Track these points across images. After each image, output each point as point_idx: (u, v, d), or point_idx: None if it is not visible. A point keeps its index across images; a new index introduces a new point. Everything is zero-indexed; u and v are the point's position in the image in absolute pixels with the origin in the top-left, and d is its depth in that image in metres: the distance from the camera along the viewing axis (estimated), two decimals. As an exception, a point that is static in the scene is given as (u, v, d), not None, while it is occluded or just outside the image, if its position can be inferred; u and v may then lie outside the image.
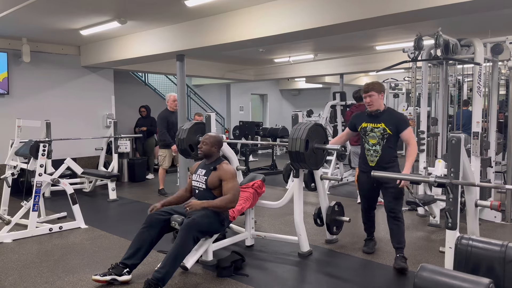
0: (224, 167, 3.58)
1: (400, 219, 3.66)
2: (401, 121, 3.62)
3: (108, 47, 7.41)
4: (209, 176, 3.54)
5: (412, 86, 6.11)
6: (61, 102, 7.87)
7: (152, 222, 3.40)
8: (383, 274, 3.57)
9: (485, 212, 5.03)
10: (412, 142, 3.58)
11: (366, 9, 4.22)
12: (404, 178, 3.30)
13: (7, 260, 3.90)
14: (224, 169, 3.56)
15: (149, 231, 3.38)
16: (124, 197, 6.75)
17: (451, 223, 2.65)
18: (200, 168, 3.67)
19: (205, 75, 11.00)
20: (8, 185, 5.23)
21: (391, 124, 3.59)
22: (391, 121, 3.60)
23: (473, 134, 4.77)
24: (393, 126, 3.59)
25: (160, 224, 3.41)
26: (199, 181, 3.61)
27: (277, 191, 6.85)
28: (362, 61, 9.13)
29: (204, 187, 3.56)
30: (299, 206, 3.94)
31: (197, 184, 3.62)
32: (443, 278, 2.18)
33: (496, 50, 4.88)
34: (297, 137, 3.41)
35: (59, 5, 5.16)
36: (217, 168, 3.56)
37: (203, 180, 3.57)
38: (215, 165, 3.59)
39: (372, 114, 3.67)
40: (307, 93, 15.77)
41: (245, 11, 5.29)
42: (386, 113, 3.66)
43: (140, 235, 3.38)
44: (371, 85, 3.66)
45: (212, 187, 3.53)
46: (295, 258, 3.93)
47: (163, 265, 3.11)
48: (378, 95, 3.63)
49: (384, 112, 3.66)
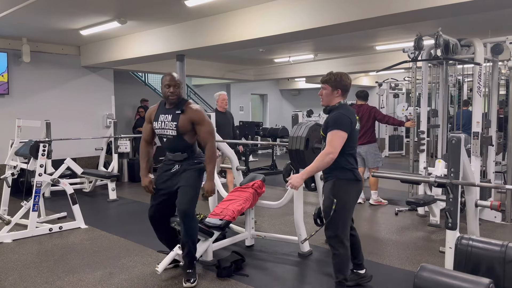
0: (193, 107, 3.24)
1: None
2: (332, 121, 2.90)
3: (108, 47, 7.41)
4: (179, 121, 3.18)
5: (412, 86, 6.12)
6: (61, 102, 7.88)
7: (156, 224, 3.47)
8: (383, 274, 3.56)
9: (485, 212, 5.03)
10: (326, 148, 2.84)
11: (366, 9, 4.23)
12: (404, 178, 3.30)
13: (7, 260, 3.90)
14: (194, 110, 3.22)
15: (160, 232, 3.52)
16: (124, 197, 6.74)
17: (451, 223, 2.65)
18: (161, 114, 3.24)
19: (205, 75, 11.00)
20: (8, 185, 5.23)
21: (325, 124, 3.01)
22: (327, 120, 2.99)
23: (473, 134, 4.77)
24: (325, 127, 2.99)
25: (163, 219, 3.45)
26: (167, 129, 3.22)
27: (277, 191, 6.85)
28: (362, 61, 9.13)
29: (174, 134, 3.21)
30: (299, 206, 3.94)
31: (165, 132, 3.24)
32: (443, 278, 2.18)
33: (496, 50, 4.88)
34: (297, 135, 3.41)
35: (59, 5, 5.16)
36: (185, 110, 3.20)
37: (172, 126, 3.19)
38: (181, 108, 3.21)
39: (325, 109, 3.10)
40: (307, 93, 15.76)
41: (245, 11, 5.29)
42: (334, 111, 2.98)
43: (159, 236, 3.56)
44: (328, 76, 3.01)
45: (183, 132, 3.21)
46: (295, 258, 3.93)
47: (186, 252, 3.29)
48: (332, 91, 2.99)
49: (331, 110, 3.00)
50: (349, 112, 2.95)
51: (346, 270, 2.95)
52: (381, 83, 10.84)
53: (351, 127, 2.89)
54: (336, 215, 2.86)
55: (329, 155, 2.81)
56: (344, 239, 2.92)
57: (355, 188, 2.98)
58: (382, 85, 10.87)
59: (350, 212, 2.99)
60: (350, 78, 3.06)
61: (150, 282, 3.36)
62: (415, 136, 5.83)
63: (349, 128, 2.88)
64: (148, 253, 4.03)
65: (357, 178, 2.97)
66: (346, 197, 2.91)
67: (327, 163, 2.83)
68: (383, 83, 11.02)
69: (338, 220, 2.89)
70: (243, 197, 4.01)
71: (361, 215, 5.50)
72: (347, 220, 2.97)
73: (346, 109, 2.99)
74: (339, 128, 2.85)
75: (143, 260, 3.86)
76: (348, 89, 3.02)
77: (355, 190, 2.99)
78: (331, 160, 2.82)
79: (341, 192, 2.89)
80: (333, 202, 2.86)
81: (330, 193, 2.91)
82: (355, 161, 3.01)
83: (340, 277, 2.92)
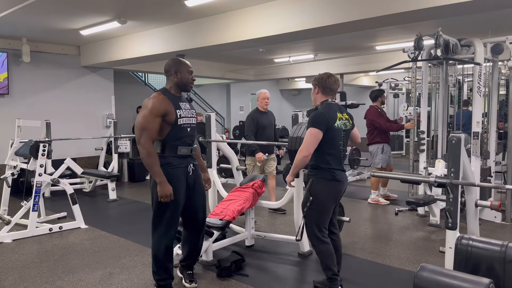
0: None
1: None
2: (309, 120, 2.95)
3: (108, 47, 7.41)
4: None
5: (412, 86, 6.12)
6: (61, 102, 7.87)
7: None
8: (383, 274, 3.57)
9: (485, 212, 5.03)
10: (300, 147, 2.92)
11: (366, 9, 4.22)
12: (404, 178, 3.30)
13: (7, 260, 3.90)
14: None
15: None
16: (124, 197, 6.74)
17: (451, 223, 2.65)
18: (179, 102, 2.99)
19: (205, 75, 10.99)
20: (8, 185, 5.23)
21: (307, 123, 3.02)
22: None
23: (473, 134, 4.77)
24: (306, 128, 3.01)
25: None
26: (189, 117, 3.02)
27: (277, 191, 6.84)
28: (362, 61, 9.13)
29: (195, 122, 3.11)
30: (299, 206, 3.93)
31: (189, 121, 3.01)
32: (443, 278, 2.18)
33: (496, 50, 4.88)
34: (297, 135, 3.41)
35: (59, 5, 5.16)
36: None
37: (193, 114, 3.10)
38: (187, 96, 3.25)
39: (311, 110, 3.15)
40: (307, 93, 15.74)
41: (245, 11, 5.29)
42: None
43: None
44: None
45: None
46: (295, 258, 3.93)
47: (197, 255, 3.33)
48: (314, 89, 3.11)
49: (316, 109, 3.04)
50: (328, 110, 2.94)
51: (332, 265, 2.97)
52: (381, 83, 10.83)
53: (326, 125, 2.88)
54: (311, 213, 2.94)
55: (300, 153, 2.89)
56: (321, 236, 2.96)
57: (332, 188, 2.99)
58: (382, 85, 10.86)
59: (326, 211, 3.00)
60: (334, 77, 3.06)
61: (150, 282, 3.36)
62: (415, 136, 5.84)
63: (324, 127, 2.87)
64: (148, 253, 4.02)
65: (335, 178, 2.97)
66: (321, 196, 2.94)
67: (300, 160, 2.90)
68: (383, 83, 11.01)
69: (313, 218, 2.96)
70: (243, 197, 4.01)
71: (361, 215, 5.50)
72: (323, 218, 2.99)
73: (326, 107, 2.98)
74: (312, 126, 2.88)
75: (143, 260, 3.87)
76: (327, 86, 3.02)
77: (332, 190, 2.99)
78: (304, 158, 2.88)
79: (316, 191, 2.94)
80: (308, 199, 2.94)
81: (308, 191, 2.98)
82: (336, 161, 2.99)
83: (329, 273, 2.96)
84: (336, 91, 3.11)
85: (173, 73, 2.96)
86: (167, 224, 2.96)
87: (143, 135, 2.80)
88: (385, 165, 5.92)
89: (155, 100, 2.87)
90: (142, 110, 2.88)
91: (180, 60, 3.04)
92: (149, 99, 2.89)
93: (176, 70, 2.97)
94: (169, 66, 3.00)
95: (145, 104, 2.87)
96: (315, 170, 2.98)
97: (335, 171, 2.97)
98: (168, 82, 3.02)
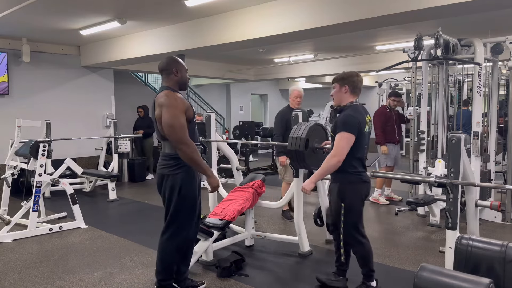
0: None
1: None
2: (340, 122, 2.90)
3: (108, 47, 7.41)
4: None
5: (412, 86, 6.12)
6: (61, 102, 7.87)
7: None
8: (383, 274, 3.56)
9: (485, 212, 5.03)
10: (332, 151, 2.87)
11: (366, 9, 4.22)
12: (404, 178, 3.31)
13: (7, 260, 3.90)
14: None
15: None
16: (124, 197, 6.74)
17: (451, 223, 2.65)
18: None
19: (205, 75, 11.00)
20: (8, 185, 5.23)
21: (334, 125, 2.99)
22: (336, 121, 2.98)
23: (473, 134, 4.77)
24: (334, 128, 2.97)
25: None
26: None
27: (277, 191, 6.84)
28: (362, 61, 9.12)
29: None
30: (299, 206, 3.94)
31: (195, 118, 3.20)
32: (443, 278, 2.18)
33: (496, 50, 4.88)
34: (297, 136, 3.41)
35: (59, 5, 5.16)
36: None
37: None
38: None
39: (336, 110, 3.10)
40: (307, 93, 15.64)
41: (245, 11, 5.29)
42: (343, 111, 2.99)
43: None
44: (337, 75, 3.06)
45: None
46: (295, 258, 3.93)
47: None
48: (340, 88, 3.00)
49: (343, 110, 2.99)
50: (358, 113, 2.91)
51: (369, 262, 3.05)
52: (381, 83, 10.82)
53: (358, 129, 2.86)
54: (347, 220, 2.96)
55: (333, 158, 2.84)
56: (360, 238, 3.01)
57: (360, 190, 3.00)
58: (382, 85, 10.86)
59: (359, 212, 3.03)
60: (360, 77, 3.04)
61: (150, 282, 3.36)
62: (415, 136, 5.84)
63: (357, 131, 2.85)
64: (148, 253, 4.03)
65: (362, 180, 2.98)
66: (352, 201, 2.96)
67: (333, 166, 2.86)
68: (383, 83, 11.00)
69: (350, 223, 2.97)
70: (243, 197, 4.01)
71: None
72: (358, 220, 3.02)
73: (355, 109, 2.94)
74: (345, 130, 2.83)
75: (143, 260, 3.87)
76: (357, 86, 2.99)
77: (360, 191, 3.00)
78: (337, 163, 2.84)
79: (346, 196, 2.95)
80: (340, 206, 2.94)
81: (337, 197, 2.98)
82: (361, 163, 2.98)
83: (365, 269, 3.06)
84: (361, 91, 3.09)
85: (174, 71, 2.91)
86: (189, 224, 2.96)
87: (184, 133, 2.72)
88: (392, 164, 5.95)
89: (178, 97, 2.82)
90: (170, 109, 2.73)
91: (178, 59, 3.01)
92: (171, 98, 2.77)
93: (176, 68, 2.93)
94: (168, 64, 2.93)
95: (170, 103, 2.75)
96: (341, 174, 2.94)
97: (361, 173, 2.97)
98: (167, 81, 2.93)
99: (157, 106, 2.81)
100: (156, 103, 2.84)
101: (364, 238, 3.04)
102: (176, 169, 2.84)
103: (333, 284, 3.20)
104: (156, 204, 6.26)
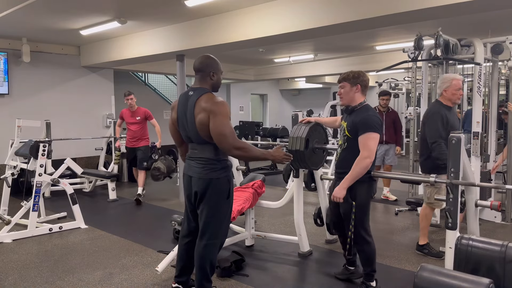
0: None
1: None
2: (363, 123, 2.91)
3: (108, 47, 7.41)
4: None
5: (412, 86, 6.12)
6: (61, 102, 7.87)
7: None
8: (383, 274, 3.56)
9: (485, 212, 5.03)
10: (362, 153, 2.87)
11: (365, 9, 4.22)
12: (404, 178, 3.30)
13: (7, 260, 3.90)
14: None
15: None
16: (124, 197, 6.74)
17: (451, 223, 2.65)
18: None
19: (205, 75, 10.99)
20: (8, 185, 5.23)
21: (352, 125, 2.98)
22: (354, 122, 2.97)
23: (473, 134, 4.76)
24: (352, 128, 2.97)
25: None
26: None
27: (277, 191, 6.84)
28: (362, 61, 9.12)
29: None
30: (299, 206, 3.94)
31: None
32: (443, 278, 2.18)
33: (496, 50, 4.88)
34: (297, 136, 3.41)
35: (59, 5, 5.16)
36: None
37: None
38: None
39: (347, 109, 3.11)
40: (307, 93, 15.76)
41: (245, 11, 5.29)
42: (357, 111, 3.01)
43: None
44: (345, 74, 3.04)
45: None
46: (295, 258, 3.93)
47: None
48: (351, 87, 3.00)
49: (355, 110, 3.02)
50: (376, 113, 3.04)
51: (373, 262, 3.10)
52: (381, 83, 10.83)
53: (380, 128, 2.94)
54: (357, 219, 3.00)
55: (366, 160, 2.87)
56: (367, 237, 3.06)
57: (369, 188, 3.06)
58: (382, 85, 10.86)
59: (368, 211, 3.08)
60: (368, 76, 3.10)
61: (150, 282, 3.36)
62: (415, 136, 5.83)
63: (380, 130, 2.93)
64: (148, 253, 4.03)
65: (372, 179, 3.05)
66: (363, 199, 3.01)
67: (365, 167, 2.90)
68: (383, 83, 11.00)
69: (360, 222, 3.02)
70: (243, 197, 4.01)
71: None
72: (367, 218, 3.08)
73: (372, 109, 3.04)
74: (372, 130, 2.88)
75: (143, 260, 3.87)
76: (367, 86, 3.06)
77: (370, 189, 3.07)
78: (369, 164, 2.90)
79: (358, 195, 2.99)
80: (352, 205, 2.97)
81: (349, 196, 2.98)
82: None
83: (367, 269, 3.10)
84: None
85: (210, 75, 2.76)
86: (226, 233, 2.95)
87: (235, 139, 2.65)
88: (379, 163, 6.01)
89: (224, 103, 2.71)
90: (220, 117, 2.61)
91: (216, 60, 2.83)
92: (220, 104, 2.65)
93: (214, 72, 2.78)
94: (206, 65, 2.76)
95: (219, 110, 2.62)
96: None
97: (370, 172, 3.01)
98: (203, 83, 2.77)
99: (201, 110, 2.64)
100: (197, 105, 2.66)
101: (371, 237, 3.09)
102: (222, 172, 2.76)
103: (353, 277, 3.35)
104: (156, 204, 6.27)
